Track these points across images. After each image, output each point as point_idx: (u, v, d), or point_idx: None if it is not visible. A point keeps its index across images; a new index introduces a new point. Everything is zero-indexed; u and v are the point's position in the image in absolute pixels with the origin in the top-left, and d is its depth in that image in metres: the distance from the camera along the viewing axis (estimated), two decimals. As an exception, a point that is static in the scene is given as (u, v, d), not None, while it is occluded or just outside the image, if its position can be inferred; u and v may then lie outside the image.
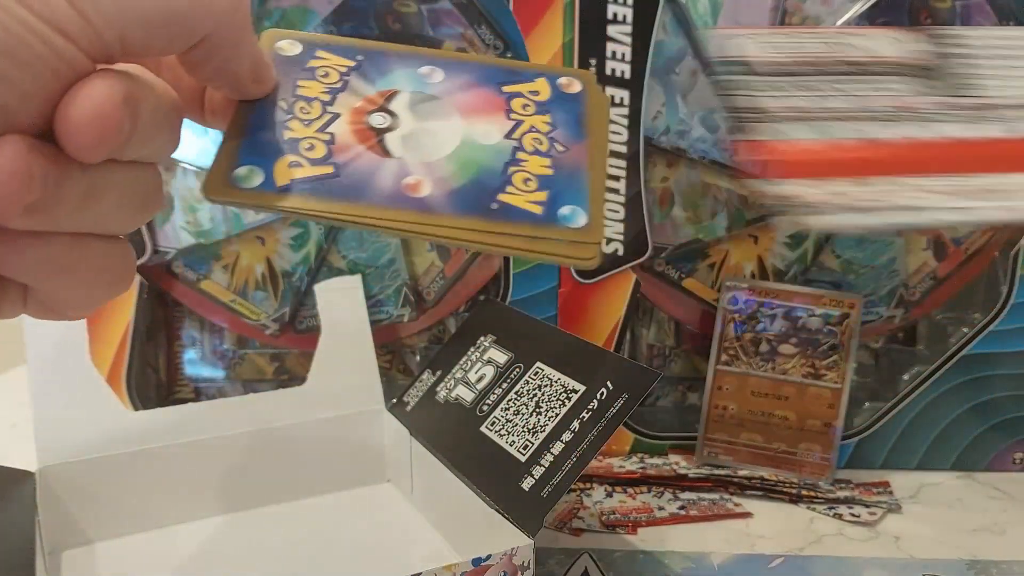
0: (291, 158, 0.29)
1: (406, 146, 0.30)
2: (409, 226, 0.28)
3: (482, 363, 0.48)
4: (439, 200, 0.28)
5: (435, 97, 0.31)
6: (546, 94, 0.33)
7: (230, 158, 0.28)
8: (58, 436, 0.45)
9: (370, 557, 0.45)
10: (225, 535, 0.47)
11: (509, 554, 0.37)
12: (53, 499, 0.45)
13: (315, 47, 0.32)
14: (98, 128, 0.22)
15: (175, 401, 0.60)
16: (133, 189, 0.25)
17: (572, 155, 0.31)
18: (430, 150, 0.30)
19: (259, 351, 0.60)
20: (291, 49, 0.32)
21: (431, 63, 0.33)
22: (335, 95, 0.31)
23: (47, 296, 0.25)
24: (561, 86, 0.33)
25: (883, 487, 0.54)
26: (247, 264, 0.58)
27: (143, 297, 0.56)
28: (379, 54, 0.32)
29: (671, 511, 0.50)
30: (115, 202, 0.25)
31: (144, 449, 0.46)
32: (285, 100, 0.30)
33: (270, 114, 0.30)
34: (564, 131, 0.32)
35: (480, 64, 0.33)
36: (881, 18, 0.54)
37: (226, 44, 0.26)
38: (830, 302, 0.55)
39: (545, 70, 0.34)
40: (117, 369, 0.55)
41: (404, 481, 0.50)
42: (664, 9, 0.53)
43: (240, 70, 0.28)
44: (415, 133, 0.30)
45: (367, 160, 0.29)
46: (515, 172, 0.30)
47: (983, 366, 0.55)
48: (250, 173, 0.28)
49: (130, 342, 0.55)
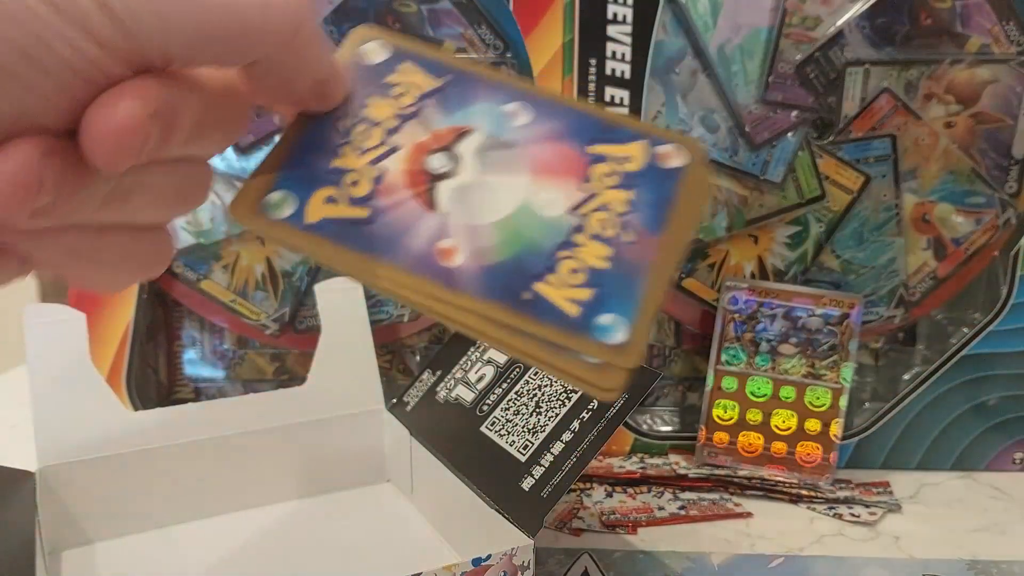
0: (330, 191, 0.25)
1: (455, 201, 0.25)
2: (423, 299, 0.24)
3: (482, 363, 0.48)
4: (468, 275, 0.24)
5: (510, 145, 0.27)
6: (638, 163, 0.27)
7: (268, 177, 0.26)
8: (58, 436, 0.45)
9: (370, 557, 0.45)
10: (225, 535, 0.47)
11: (509, 554, 0.37)
12: (53, 499, 0.45)
13: (403, 57, 0.28)
14: (117, 142, 0.20)
15: (175, 401, 0.60)
16: (172, 186, 0.24)
17: (639, 249, 0.25)
18: (480, 211, 0.25)
19: (259, 351, 0.60)
20: (376, 55, 0.28)
21: (521, 99, 0.28)
22: (403, 123, 0.27)
23: (72, 277, 0.24)
24: (659, 156, 0.27)
25: (883, 487, 0.54)
26: (247, 264, 0.58)
27: (143, 297, 0.56)
28: (468, 79, 0.28)
29: (671, 511, 0.50)
30: (148, 200, 0.23)
31: (144, 449, 0.46)
32: (347, 119, 0.27)
33: (326, 133, 0.27)
34: (642, 216, 0.26)
35: (575, 111, 0.28)
36: (881, 18, 0.54)
37: (285, 66, 0.24)
38: (830, 302, 0.55)
39: (648, 132, 0.28)
40: (117, 369, 0.55)
41: (404, 481, 0.50)
42: (664, 9, 0.53)
43: (300, 88, 0.25)
44: (471, 187, 0.26)
45: (408, 210, 0.25)
46: (564, 258, 0.25)
47: (983, 366, 0.55)
48: (282, 201, 0.25)
49: (130, 342, 0.55)
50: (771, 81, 0.54)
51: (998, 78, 0.54)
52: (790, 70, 0.54)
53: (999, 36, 0.54)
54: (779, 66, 0.54)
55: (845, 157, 0.55)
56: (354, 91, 0.27)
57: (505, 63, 0.54)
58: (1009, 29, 0.54)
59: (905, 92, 0.54)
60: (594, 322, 0.24)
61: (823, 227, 0.57)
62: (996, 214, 0.56)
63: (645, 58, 0.53)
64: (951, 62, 0.54)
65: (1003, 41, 0.54)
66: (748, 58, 0.54)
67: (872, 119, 0.55)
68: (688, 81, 0.55)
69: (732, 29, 0.54)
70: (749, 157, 0.55)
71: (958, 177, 0.56)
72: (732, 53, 0.54)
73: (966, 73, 0.54)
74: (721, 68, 0.54)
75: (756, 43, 0.54)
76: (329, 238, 0.25)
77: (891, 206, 0.56)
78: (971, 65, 0.54)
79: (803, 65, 0.54)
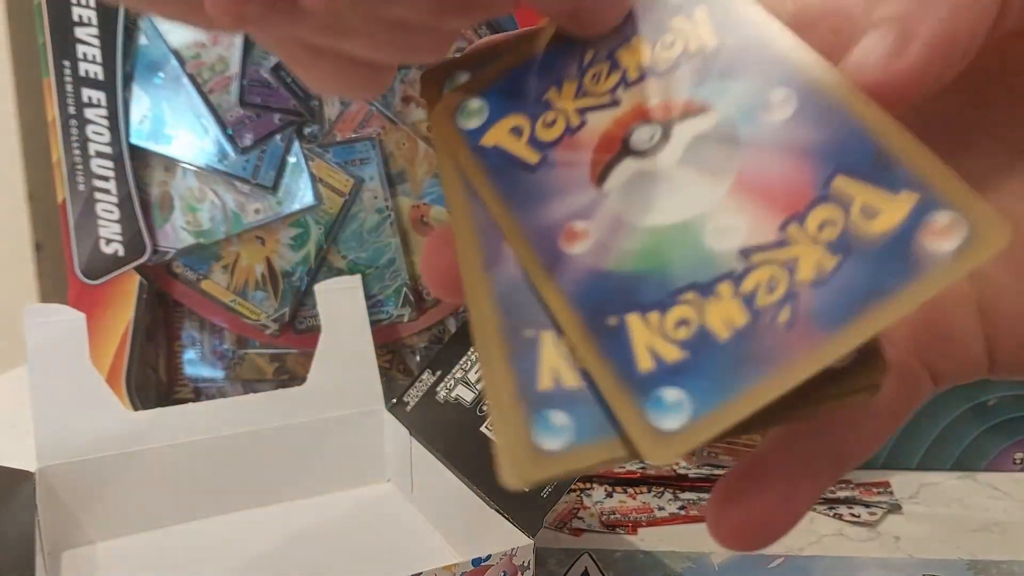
0: (520, 121, 0.22)
1: (627, 185, 0.21)
2: (526, 265, 0.21)
3: (482, 363, 0.48)
4: (572, 269, 0.20)
5: (737, 142, 0.20)
6: (884, 224, 0.17)
7: (484, 82, 0.23)
8: (58, 436, 0.45)
9: (370, 557, 0.45)
10: (225, 535, 0.47)
11: (509, 554, 0.37)
12: (53, 499, 0.45)
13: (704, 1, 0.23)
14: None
15: (175, 401, 0.60)
16: (389, 41, 0.21)
17: (785, 340, 0.17)
18: (642, 207, 0.20)
19: (259, 351, 0.60)
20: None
21: (799, 90, 0.20)
22: (644, 78, 0.22)
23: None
24: (923, 228, 0.17)
25: (883, 487, 0.54)
26: (247, 264, 0.58)
27: (143, 297, 0.56)
28: (753, 45, 0.21)
29: (671, 511, 0.50)
30: (364, 43, 0.21)
31: (144, 449, 0.47)
32: (593, 52, 0.23)
33: (562, 60, 0.23)
34: (826, 299, 0.17)
35: (855, 126, 0.19)
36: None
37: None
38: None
39: (937, 184, 0.17)
40: (117, 369, 0.55)
41: (404, 481, 0.50)
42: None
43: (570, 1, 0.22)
44: (655, 176, 0.21)
45: (573, 176, 0.21)
46: (685, 302, 0.18)
47: (983, 366, 0.55)
48: (477, 112, 0.23)
49: (130, 342, 0.55)
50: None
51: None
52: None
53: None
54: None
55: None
56: (625, 25, 0.23)
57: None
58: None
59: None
60: (657, 391, 0.18)
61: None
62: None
63: (644, 58, 0.53)
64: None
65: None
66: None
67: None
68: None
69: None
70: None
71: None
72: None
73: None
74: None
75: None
76: (486, 169, 0.22)
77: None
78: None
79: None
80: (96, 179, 0.54)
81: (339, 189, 0.56)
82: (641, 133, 0.21)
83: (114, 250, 0.54)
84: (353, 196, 0.57)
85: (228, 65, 0.54)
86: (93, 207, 0.54)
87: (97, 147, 0.53)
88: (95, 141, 0.53)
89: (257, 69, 0.55)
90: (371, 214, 0.57)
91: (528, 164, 0.22)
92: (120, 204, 0.54)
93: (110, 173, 0.54)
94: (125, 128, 0.54)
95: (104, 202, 0.54)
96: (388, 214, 0.57)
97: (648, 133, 0.21)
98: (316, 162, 0.56)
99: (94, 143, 0.53)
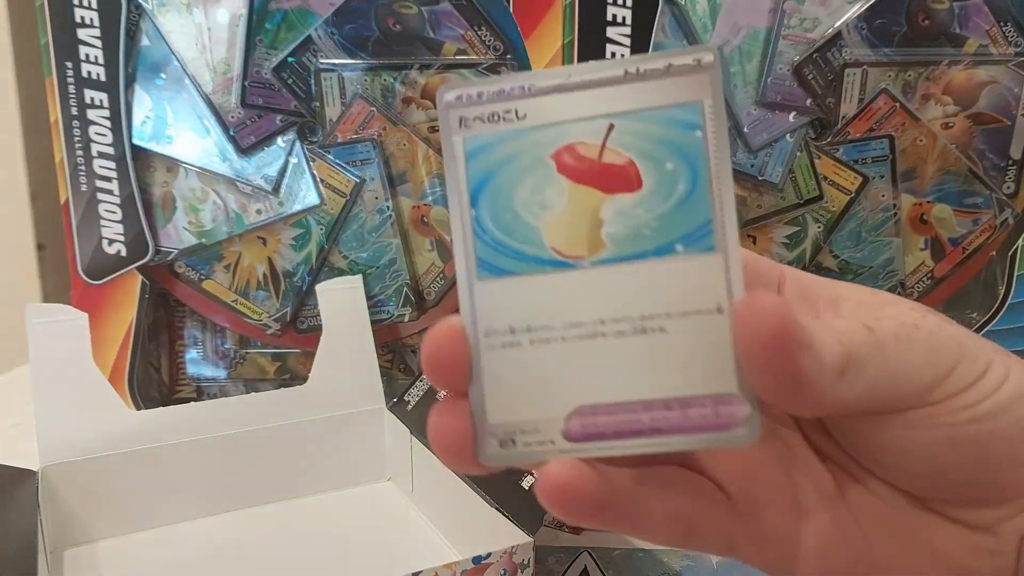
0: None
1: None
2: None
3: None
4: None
5: None
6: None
7: None
8: (60, 435, 0.45)
9: (370, 556, 0.45)
10: (226, 534, 0.47)
11: (509, 552, 0.37)
12: (55, 498, 0.45)
13: None
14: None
15: (177, 401, 0.60)
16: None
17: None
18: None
19: (260, 351, 0.60)
20: None
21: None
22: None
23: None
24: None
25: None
26: (249, 264, 0.58)
27: (145, 297, 0.56)
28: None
29: (670, 510, 0.50)
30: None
31: (146, 448, 0.47)
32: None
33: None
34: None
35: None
36: (878, 19, 0.54)
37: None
38: (829, 302, 0.55)
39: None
40: (119, 369, 0.56)
41: (404, 480, 0.51)
42: (663, 11, 0.53)
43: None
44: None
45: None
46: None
47: (981, 366, 0.55)
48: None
49: (132, 342, 0.56)
50: (769, 82, 0.55)
51: (996, 79, 0.54)
52: (788, 71, 0.54)
53: (997, 37, 0.54)
54: (777, 67, 0.54)
55: (843, 158, 0.56)
56: None
57: (505, 65, 0.55)
58: (1007, 30, 0.54)
59: (903, 93, 0.55)
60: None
61: (821, 227, 0.57)
62: (993, 214, 0.56)
63: (644, 59, 0.53)
64: (949, 63, 0.54)
65: (1001, 42, 0.54)
66: (747, 59, 0.54)
67: (870, 120, 0.55)
68: (687, 82, 0.55)
69: (731, 31, 0.54)
70: (747, 158, 0.55)
71: (956, 178, 0.56)
72: (731, 55, 0.54)
73: (964, 74, 0.54)
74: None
75: (755, 44, 0.54)
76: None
77: (889, 206, 0.56)
78: (969, 66, 0.54)
79: (801, 66, 0.54)
80: (98, 180, 0.54)
81: (340, 190, 0.57)
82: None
83: (116, 250, 0.55)
84: (354, 196, 0.57)
85: (230, 66, 0.55)
86: (95, 207, 0.54)
87: (99, 148, 0.54)
88: (97, 142, 0.53)
89: (259, 70, 0.55)
90: (372, 214, 0.57)
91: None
92: (122, 204, 0.54)
93: (112, 174, 0.54)
94: (127, 129, 0.54)
95: (106, 203, 0.54)
96: (389, 214, 0.57)
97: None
98: (317, 163, 0.56)
99: (96, 144, 0.53)
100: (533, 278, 0.23)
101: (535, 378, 0.23)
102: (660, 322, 0.22)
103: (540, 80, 0.22)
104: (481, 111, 0.23)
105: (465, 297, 0.23)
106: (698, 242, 0.22)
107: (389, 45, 0.55)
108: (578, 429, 0.22)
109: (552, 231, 0.22)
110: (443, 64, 0.55)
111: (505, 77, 0.23)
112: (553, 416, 0.23)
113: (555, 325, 0.22)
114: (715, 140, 0.22)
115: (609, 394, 0.22)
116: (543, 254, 0.22)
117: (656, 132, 0.22)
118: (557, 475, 0.21)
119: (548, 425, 0.23)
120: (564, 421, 0.22)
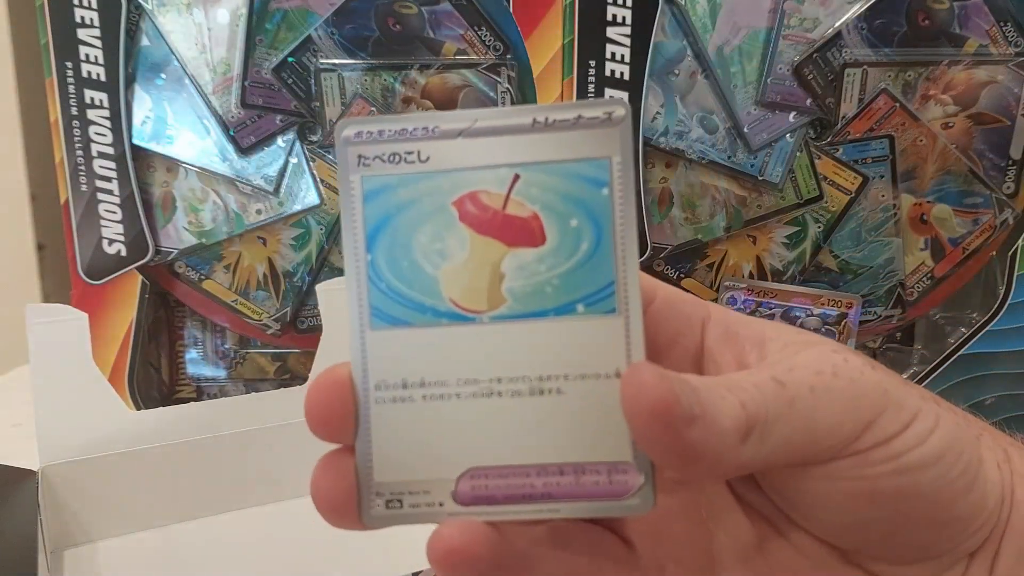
0: None
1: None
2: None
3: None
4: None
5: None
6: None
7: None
8: (60, 435, 0.45)
9: (371, 556, 0.45)
10: (226, 534, 0.47)
11: (508, 552, 0.37)
12: (55, 498, 0.45)
13: None
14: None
15: (177, 401, 0.60)
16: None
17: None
18: None
19: (261, 351, 0.60)
20: None
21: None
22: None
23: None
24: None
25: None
26: (249, 264, 0.58)
27: (145, 297, 0.56)
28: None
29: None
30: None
31: (146, 448, 0.47)
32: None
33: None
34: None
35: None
36: (878, 20, 0.54)
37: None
38: (828, 302, 0.55)
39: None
40: (119, 369, 0.56)
41: (404, 480, 0.51)
42: (663, 11, 0.53)
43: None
44: None
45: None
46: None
47: (981, 366, 0.56)
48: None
49: (132, 342, 0.56)
50: (769, 82, 0.55)
51: (996, 79, 0.54)
52: (788, 71, 0.54)
53: (997, 37, 0.54)
54: (777, 67, 0.54)
55: (843, 158, 0.56)
56: None
57: (505, 64, 0.55)
58: (1007, 30, 0.54)
59: (903, 93, 0.55)
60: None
61: (821, 227, 0.57)
62: (993, 214, 0.56)
63: (644, 60, 0.53)
64: (949, 63, 0.54)
65: (1001, 42, 0.54)
66: (747, 59, 0.54)
67: (870, 120, 0.55)
68: (687, 83, 0.55)
69: (731, 31, 0.54)
70: (747, 158, 0.56)
71: (956, 178, 0.56)
72: (731, 54, 0.54)
73: (964, 74, 0.54)
74: (720, 69, 0.54)
75: (755, 44, 0.54)
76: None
77: (889, 206, 0.56)
78: (969, 66, 0.54)
79: (801, 66, 0.54)
80: (98, 180, 0.54)
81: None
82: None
83: (116, 250, 0.55)
84: (354, 197, 0.57)
85: (230, 67, 0.55)
86: (95, 207, 0.54)
87: (99, 148, 0.54)
88: (97, 142, 0.54)
89: (259, 70, 0.55)
90: (372, 214, 0.57)
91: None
92: (122, 204, 0.54)
93: (112, 174, 0.54)
94: (127, 129, 0.54)
95: (106, 202, 0.54)
96: (389, 214, 0.57)
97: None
98: (317, 163, 0.56)
99: (96, 144, 0.54)
100: (429, 330, 0.22)
101: (426, 436, 0.22)
102: (558, 383, 0.21)
103: (445, 123, 0.22)
104: (381, 150, 0.22)
105: (356, 346, 0.22)
106: (599, 303, 0.21)
107: (389, 45, 0.55)
108: (468, 492, 0.21)
109: (451, 282, 0.22)
110: (443, 64, 0.55)
111: (409, 117, 0.22)
112: (444, 477, 0.21)
113: (450, 381, 0.21)
114: (622, 198, 0.21)
115: (502, 456, 0.21)
116: (440, 306, 0.22)
117: (562, 186, 0.21)
118: (449, 538, 0.20)
119: (438, 487, 0.22)
120: (455, 483, 0.21)
